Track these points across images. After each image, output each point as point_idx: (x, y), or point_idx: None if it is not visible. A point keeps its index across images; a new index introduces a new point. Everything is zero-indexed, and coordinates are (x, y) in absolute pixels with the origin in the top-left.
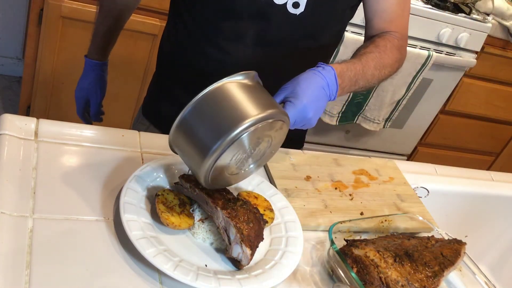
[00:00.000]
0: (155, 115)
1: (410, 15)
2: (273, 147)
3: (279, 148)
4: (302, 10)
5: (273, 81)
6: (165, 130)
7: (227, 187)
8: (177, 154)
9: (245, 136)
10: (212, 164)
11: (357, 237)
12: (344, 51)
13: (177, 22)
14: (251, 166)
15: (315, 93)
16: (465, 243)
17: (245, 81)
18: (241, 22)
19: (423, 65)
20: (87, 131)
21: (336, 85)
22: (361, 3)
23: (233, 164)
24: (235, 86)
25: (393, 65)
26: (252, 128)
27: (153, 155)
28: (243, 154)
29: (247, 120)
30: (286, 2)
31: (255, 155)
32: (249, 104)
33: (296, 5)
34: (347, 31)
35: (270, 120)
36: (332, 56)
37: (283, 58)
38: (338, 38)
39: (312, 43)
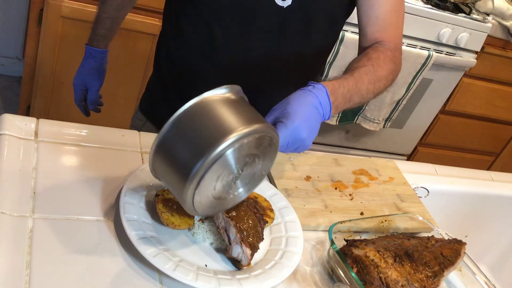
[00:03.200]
0: (151, 111)
1: (411, 15)
2: (264, 167)
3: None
4: (290, 3)
5: (263, 79)
6: (161, 127)
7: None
8: (160, 181)
9: (229, 153)
10: (195, 187)
11: (357, 237)
12: (344, 51)
13: (170, 20)
14: (240, 189)
15: (307, 112)
16: (465, 243)
17: (228, 95)
18: (228, 15)
19: (423, 65)
20: (87, 131)
21: (329, 104)
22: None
23: (220, 187)
24: (216, 101)
25: (387, 77)
26: (236, 145)
27: None
28: (229, 176)
29: (231, 136)
30: None
31: (244, 177)
32: (233, 119)
33: None
34: (347, 31)
35: (257, 135)
36: (332, 57)
37: (273, 53)
38: (333, 40)
39: (303, 40)
